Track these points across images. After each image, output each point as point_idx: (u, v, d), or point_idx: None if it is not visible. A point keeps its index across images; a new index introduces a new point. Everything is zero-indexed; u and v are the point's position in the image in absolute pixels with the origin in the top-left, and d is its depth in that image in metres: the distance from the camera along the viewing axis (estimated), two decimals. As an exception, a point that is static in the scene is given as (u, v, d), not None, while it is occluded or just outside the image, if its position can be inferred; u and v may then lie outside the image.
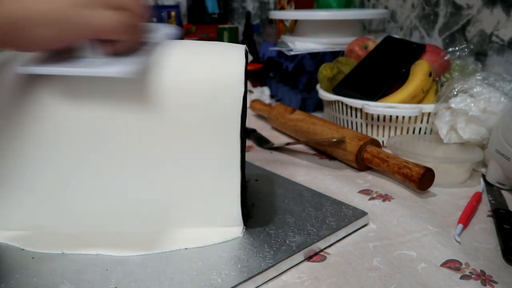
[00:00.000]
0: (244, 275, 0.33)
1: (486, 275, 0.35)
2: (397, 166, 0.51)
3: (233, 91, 0.35)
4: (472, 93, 0.56)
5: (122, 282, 0.33)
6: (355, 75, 0.70)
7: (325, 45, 0.87)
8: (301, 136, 0.67)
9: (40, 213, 0.39)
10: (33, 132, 0.36)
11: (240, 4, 1.44)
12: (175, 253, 0.36)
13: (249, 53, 0.52)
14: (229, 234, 0.39)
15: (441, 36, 0.85)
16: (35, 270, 0.34)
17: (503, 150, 0.49)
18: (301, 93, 0.86)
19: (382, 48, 0.73)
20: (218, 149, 0.37)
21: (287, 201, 0.45)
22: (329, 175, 0.55)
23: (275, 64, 0.96)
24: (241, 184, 0.38)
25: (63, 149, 0.37)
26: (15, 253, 0.36)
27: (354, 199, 0.48)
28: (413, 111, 0.61)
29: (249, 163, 0.57)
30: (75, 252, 0.36)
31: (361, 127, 0.67)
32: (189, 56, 0.37)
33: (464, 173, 0.53)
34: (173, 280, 0.33)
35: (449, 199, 0.48)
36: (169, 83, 0.36)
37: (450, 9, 0.81)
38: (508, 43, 0.71)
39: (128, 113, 0.36)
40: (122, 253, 0.36)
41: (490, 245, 0.39)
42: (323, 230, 0.39)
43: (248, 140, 0.71)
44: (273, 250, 0.36)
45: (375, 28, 1.05)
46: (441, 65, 0.66)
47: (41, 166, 0.37)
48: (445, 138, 0.56)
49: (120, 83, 0.35)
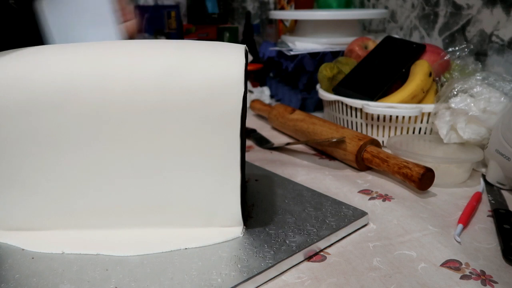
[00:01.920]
0: (244, 275, 0.33)
1: (486, 275, 0.35)
2: (397, 166, 0.51)
3: (233, 91, 0.35)
4: (472, 93, 0.56)
5: (122, 282, 0.33)
6: (355, 75, 0.70)
7: (325, 45, 0.87)
8: (301, 136, 0.67)
9: (40, 213, 0.39)
10: (33, 132, 0.36)
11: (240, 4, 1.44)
12: (175, 253, 0.36)
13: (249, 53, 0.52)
14: (229, 234, 0.39)
15: (441, 36, 0.85)
16: (35, 270, 0.34)
17: (503, 150, 0.49)
18: (301, 93, 0.86)
19: (382, 48, 0.73)
20: (218, 149, 0.37)
21: (287, 201, 0.45)
22: (329, 175, 0.55)
23: (275, 64, 0.97)
24: (241, 184, 0.38)
25: (63, 149, 0.37)
26: (15, 253, 0.36)
27: (354, 199, 0.48)
28: (413, 111, 0.61)
29: (249, 163, 0.57)
30: (75, 252, 0.36)
31: (361, 127, 0.67)
32: (189, 56, 0.37)
33: (464, 173, 0.53)
34: (173, 280, 0.33)
35: (449, 199, 0.48)
36: (169, 83, 0.36)
37: (450, 9, 0.82)
38: (508, 43, 0.71)
39: (128, 113, 0.36)
40: (122, 253, 0.36)
41: (490, 245, 0.39)
42: (323, 230, 0.40)
43: (248, 140, 0.71)
44: (273, 250, 0.36)
45: (375, 28, 1.05)
46: (441, 65, 0.66)
47: (41, 166, 0.37)
48: (445, 138, 0.56)
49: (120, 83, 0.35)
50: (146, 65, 0.36)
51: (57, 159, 0.37)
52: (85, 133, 0.36)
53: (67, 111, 0.36)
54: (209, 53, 0.37)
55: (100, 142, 0.37)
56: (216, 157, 0.37)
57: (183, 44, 0.39)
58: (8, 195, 0.38)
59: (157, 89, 0.35)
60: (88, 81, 0.35)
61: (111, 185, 0.38)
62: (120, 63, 0.36)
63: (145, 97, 0.35)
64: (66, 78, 0.36)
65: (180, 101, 0.36)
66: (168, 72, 0.36)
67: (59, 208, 0.39)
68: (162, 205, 0.39)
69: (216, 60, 0.36)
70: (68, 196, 0.38)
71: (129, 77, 0.35)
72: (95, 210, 0.39)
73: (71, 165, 0.37)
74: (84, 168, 0.37)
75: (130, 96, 0.36)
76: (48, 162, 0.37)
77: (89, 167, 0.37)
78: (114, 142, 0.37)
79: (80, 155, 0.37)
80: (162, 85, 0.35)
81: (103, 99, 0.36)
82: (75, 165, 0.37)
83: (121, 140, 0.37)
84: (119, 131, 0.36)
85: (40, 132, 0.36)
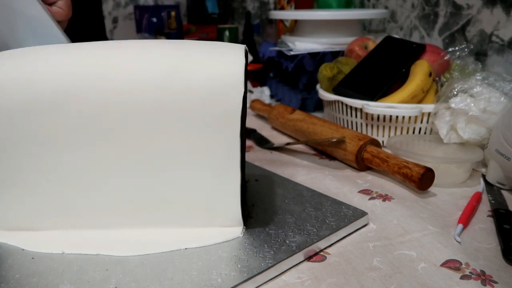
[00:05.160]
0: (244, 275, 0.33)
1: (486, 275, 0.35)
2: (397, 166, 0.51)
3: (233, 91, 0.35)
4: (472, 93, 0.56)
5: (122, 282, 0.33)
6: (355, 75, 0.70)
7: (325, 45, 0.87)
8: (301, 136, 0.67)
9: (40, 213, 0.39)
10: (33, 132, 0.36)
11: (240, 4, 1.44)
12: (175, 253, 0.36)
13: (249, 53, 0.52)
14: (229, 234, 0.39)
15: (441, 36, 0.85)
16: (35, 270, 0.34)
17: (503, 150, 0.49)
18: (301, 93, 0.86)
19: (382, 48, 0.73)
20: (218, 149, 0.37)
21: (287, 201, 0.45)
22: (329, 175, 0.55)
23: (275, 64, 0.97)
24: (241, 184, 0.38)
25: (64, 149, 0.37)
26: (15, 253, 0.36)
27: (354, 199, 0.48)
28: (413, 111, 0.61)
29: (249, 163, 0.57)
30: (75, 252, 0.36)
31: (361, 127, 0.67)
32: (189, 56, 0.37)
33: (464, 173, 0.53)
34: (173, 280, 0.33)
35: (449, 199, 0.48)
36: (169, 82, 0.36)
37: (450, 9, 0.81)
38: (508, 43, 0.71)
39: (128, 113, 0.36)
40: (122, 253, 0.36)
41: (490, 245, 0.39)
42: (323, 230, 0.40)
43: (248, 140, 0.71)
44: (273, 250, 0.36)
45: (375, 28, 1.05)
46: (441, 65, 0.66)
47: (42, 166, 0.37)
48: (445, 138, 0.56)
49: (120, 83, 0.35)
50: (146, 65, 0.36)
51: (57, 159, 0.37)
52: (84, 133, 0.36)
53: (67, 111, 0.36)
54: (209, 53, 0.37)
55: (100, 142, 0.37)
56: (216, 157, 0.37)
57: (183, 44, 0.39)
58: (8, 195, 0.38)
59: (157, 89, 0.35)
60: (88, 81, 0.35)
61: (111, 185, 0.38)
62: (120, 63, 0.36)
63: (145, 97, 0.35)
64: (66, 78, 0.36)
65: (180, 101, 0.36)
66: (168, 72, 0.36)
67: (59, 208, 0.39)
68: (162, 205, 0.39)
69: (216, 60, 0.36)
70: (68, 196, 0.38)
71: (129, 77, 0.35)
72: (95, 210, 0.39)
73: (71, 165, 0.37)
74: (84, 168, 0.37)
75: (130, 96, 0.36)
76: (49, 162, 0.37)
77: (89, 167, 0.37)
78: (114, 142, 0.37)
79: (79, 155, 0.37)
80: (162, 85, 0.35)
81: (103, 99, 0.35)
82: (75, 165, 0.37)
83: (121, 140, 0.37)
84: (119, 131, 0.36)
85: (40, 132, 0.36)
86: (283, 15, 1.01)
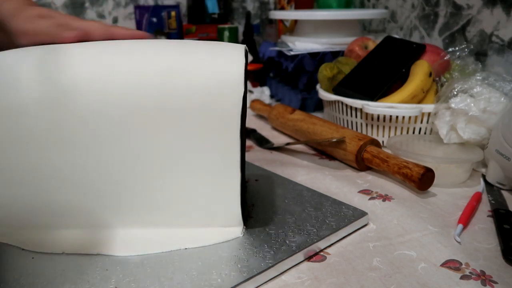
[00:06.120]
0: (244, 275, 0.33)
1: (486, 275, 0.35)
2: (397, 166, 0.51)
3: (233, 91, 0.35)
4: (472, 93, 0.56)
5: (122, 282, 0.33)
6: (355, 75, 0.70)
7: (325, 45, 0.87)
8: (301, 136, 0.67)
9: (40, 213, 0.39)
10: (33, 131, 0.36)
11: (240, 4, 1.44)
12: (175, 253, 0.36)
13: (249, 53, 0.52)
14: (229, 234, 0.39)
15: (441, 36, 0.85)
16: (35, 270, 0.34)
17: (503, 150, 0.49)
18: (301, 93, 0.86)
19: (382, 48, 0.73)
20: (218, 149, 0.37)
21: (287, 201, 0.45)
22: (329, 175, 0.55)
23: (275, 64, 0.97)
24: (241, 184, 0.38)
25: (64, 149, 0.37)
26: (15, 253, 0.36)
27: (354, 199, 0.48)
28: (413, 111, 0.61)
29: (249, 163, 0.57)
30: (75, 252, 0.36)
31: (361, 127, 0.67)
32: (189, 56, 0.37)
33: (464, 173, 0.53)
34: (173, 280, 0.33)
35: (449, 199, 0.48)
36: (169, 82, 0.36)
37: (450, 9, 0.82)
38: (508, 43, 0.71)
39: (128, 112, 0.36)
40: (122, 253, 0.36)
41: (490, 245, 0.39)
42: (323, 230, 0.40)
43: (248, 140, 0.71)
44: (273, 250, 0.36)
45: (375, 28, 1.05)
46: (441, 65, 0.66)
47: (42, 166, 0.37)
48: (445, 138, 0.56)
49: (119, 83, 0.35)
50: (146, 65, 0.36)
51: (57, 159, 0.37)
52: (83, 133, 0.36)
53: (67, 111, 0.36)
54: (209, 53, 0.37)
55: (100, 142, 0.37)
56: (216, 157, 0.37)
57: (183, 44, 0.39)
58: (8, 195, 0.38)
59: (157, 89, 0.35)
60: (88, 81, 0.35)
61: (111, 185, 0.38)
62: (120, 63, 0.36)
63: (145, 97, 0.35)
64: (66, 78, 0.36)
65: (180, 101, 0.36)
66: (168, 72, 0.36)
67: (59, 207, 0.39)
68: (162, 205, 0.39)
69: (216, 60, 0.36)
70: (68, 196, 0.38)
71: (129, 77, 0.35)
72: (95, 210, 0.39)
73: (71, 165, 0.37)
74: (84, 168, 0.37)
75: (130, 96, 0.36)
76: (49, 161, 0.37)
77: (89, 167, 0.37)
78: (113, 142, 0.37)
79: (79, 155, 0.37)
80: (162, 85, 0.35)
81: (103, 99, 0.35)
82: (75, 165, 0.37)
83: (121, 140, 0.37)
84: (118, 131, 0.36)
85: (41, 131, 0.36)
86: (283, 15, 1.01)
